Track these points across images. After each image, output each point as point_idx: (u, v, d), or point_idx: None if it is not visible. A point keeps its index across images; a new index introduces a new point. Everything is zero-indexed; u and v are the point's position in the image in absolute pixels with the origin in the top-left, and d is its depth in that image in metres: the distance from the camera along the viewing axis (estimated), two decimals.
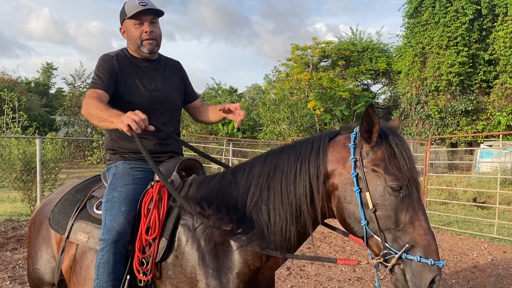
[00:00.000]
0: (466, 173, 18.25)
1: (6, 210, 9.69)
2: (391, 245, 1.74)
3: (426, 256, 1.69)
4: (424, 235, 1.71)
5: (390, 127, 1.89)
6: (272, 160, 2.02)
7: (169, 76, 2.61)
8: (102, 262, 2.12)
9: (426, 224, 1.74)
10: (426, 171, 9.02)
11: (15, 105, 17.88)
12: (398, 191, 1.73)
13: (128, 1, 2.49)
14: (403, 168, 1.75)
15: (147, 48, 2.46)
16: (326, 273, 5.53)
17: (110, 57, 2.45)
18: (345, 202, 1.82)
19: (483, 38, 24.13)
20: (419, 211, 1.75)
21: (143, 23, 2.44)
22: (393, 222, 1.74)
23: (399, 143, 1.80)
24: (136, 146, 2.32)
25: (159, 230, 2.08)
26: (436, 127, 25.11)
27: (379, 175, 1.77)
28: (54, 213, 2.56)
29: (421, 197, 1.80)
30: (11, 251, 6.25)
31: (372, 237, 1.78)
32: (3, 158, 9.15)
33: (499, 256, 6.59)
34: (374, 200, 1.76)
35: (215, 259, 1.99)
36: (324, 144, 1.93)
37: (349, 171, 1.82)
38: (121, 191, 2.26)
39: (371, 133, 1.79)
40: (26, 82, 41.44)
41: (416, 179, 1.78)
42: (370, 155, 1.81)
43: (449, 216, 9.73)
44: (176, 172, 2.32)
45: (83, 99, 2.38)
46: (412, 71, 25.84)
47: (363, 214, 1.77)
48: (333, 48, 32.53)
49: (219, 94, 38.80)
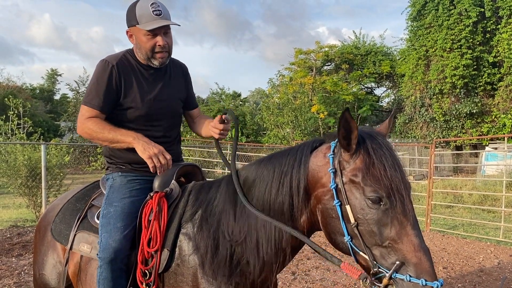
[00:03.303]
0: (471, 176, 18.15)
1: (11, 216, 9.72)
2: (380, 263, 1.59)
3: (417, 276, 1.51)
4: (414, 252, 1.54)
5: (371, 132, 1.75)
6: (261, 169, 1.97)
7: (174, 82, 2.50)
8: (102, 279, 2.11)
9: (416, 239, 1.56)
10: (431, 174, 8.97)
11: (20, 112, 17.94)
12: (377, 203, 1.59)
13: (139, 4, 2.26)
14: (382, 177, 1.60)
15: (158, 61, 2.32)
16: (331, 277, 5.50)
17: (111, 67, 2.27)
18: (328, 216, 1.72)
19: (487, 41, 24.06)
20: (407, 225, 1.57)
21: (157, 35, 2.25)
22: (378, 238, 1.59)
23: (378, 149, 1.66)
24: (133, 157, 2.29)
25: (160, 242, 2.06)
26: (441, 130, 25.03)
27: (357, 186, 1.64)
28: (56, 224, 2.54)
29: (408, 208, 1.61)
30: (16, 257, 6.26)
31: (359, 254, 1.65)
32: (8, 164, 9.19)
33: (505, 260, 6.54)
34: (355, 214, 1.63)
35: None
36: (306, 155, 1.84)
37: (329, 183, 1.71)
38: (117, 206, 2.22)
39: (350, 140, 1.66)
40: (30, 88, 41.69)
41: (400, 189, 1.60)
42: (349, 164, 1.68)
43: (455, 219, 9.67)
44: (174, 179, 2.29)
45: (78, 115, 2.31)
46: (416, 74, 25.78)
47: (346, 229, 1.65)
48: (337, 52, 32.54)
49: (223, 98, 38.88)
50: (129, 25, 2.31)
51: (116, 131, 2.21)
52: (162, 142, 2.34)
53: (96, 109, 2.25)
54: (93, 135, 2.23)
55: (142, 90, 2.34)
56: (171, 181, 2.28)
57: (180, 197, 2.22)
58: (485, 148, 20.42)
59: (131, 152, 2.25)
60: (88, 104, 2.26)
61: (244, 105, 36.58)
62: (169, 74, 2.50)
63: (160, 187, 2.26)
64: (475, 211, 11.01)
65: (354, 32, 44.66)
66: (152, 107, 2.35)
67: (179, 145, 2.65)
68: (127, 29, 2.35)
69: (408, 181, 1.68)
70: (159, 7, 2.25)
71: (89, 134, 2.24)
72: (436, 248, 7.21)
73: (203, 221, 2.06)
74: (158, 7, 2.24)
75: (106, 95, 2.25)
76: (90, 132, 2.23)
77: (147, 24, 2.22)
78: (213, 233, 2.00)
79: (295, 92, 28.99)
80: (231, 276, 1.95)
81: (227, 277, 1.94)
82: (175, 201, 2.21)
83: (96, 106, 2.25)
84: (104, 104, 2.26)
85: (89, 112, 2.26)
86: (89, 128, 2.23)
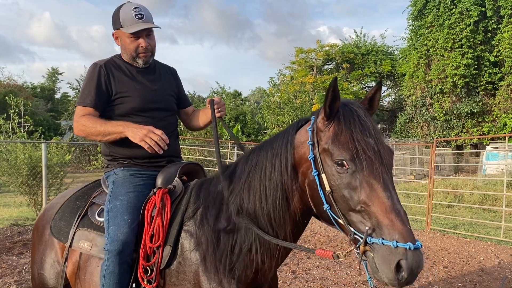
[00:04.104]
0: (472, 175, 18.13)
1: (12, 215, 9.73)
2: (357, 228, 1.58)
3: (390, 238, 1.48)
4: (385, 213, 1.51)
5: (346, 101, 1.78)
6: (253, 157, 2.02)
7: (163, 78, 2.61)
8: (108, 273, 2.11)
9: (388, 200, 1.53)
10: (432, 173, 8.96)
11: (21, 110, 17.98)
12: (343, 167, 1.61)
13: (122, 9, 2.42)
14: (348, 142, 1.62)
15: (142, 60, 2.46)
16: (332, 277, 5.50)
17: (98, 67, 2.41)
18: (312, 188, 1.74)
19: (488, 40, 24.04)
20: (378, 187, 1.56)
21: (139, 37, 2.40)
22: (350, 202, 1.59)
23: (348, 116, 1.68)
24: (134, 152, 2.37)
25: (163, 238, 2.08)
26: (442, 130, 25.02)
27: (328, 153, 1.67)
28: (56, 221, 2.55)
29: (378, 171, 1.58)
30: (17, 255, 6.27)
31: (338, 222, 1.67)
32: (9, 163, 9.21)
33: (506, 259, 6.53)
34: (329, 181, 1.66)
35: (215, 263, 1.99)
36: (292, 134, 1.89)
37: (309, 156, 1.75)
38: (123, 200, 2.24)
39: (333, 108, 1.71)
40: (31, 87, 41.69)
41: (367, 152, 1.60)
42: (324, 134, 1.73)
43: (455, 219, 9.67)
44: (178, 177, 2.32)
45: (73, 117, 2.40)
46: (417, 73, 25.78)
47: (324, 197, 1.68)
48: (337, 51, 32.53)
49: (224, 97, 38.88)
50: (114, 28, 2.48)
51: (107, 123, 2.29)
52: None
53: (89, 106, 2.35)
54: (87, 131, 2.31)
55: (132, 83, 2.44)
56: (174, 178, 2.30)
57: (183, 194, 2.24)
58: (486, 148, 20.41)
59: (131, 146, 2.31)
60: (81, 103, 2.37)
61: (244, 104, 36.57)
62: (158, 72, 2.61)
63: (163, 184, 2.29)
64: (475, 210, 11.00)
65: (355, 31, 44.81)
66: (143, 97, 2.43)
67: (177, 140, 2.66)
68: (113, 32, 2.50)
69: (385, 147, 1.68)
70: (141, 11, 2.39)
71: (83, 130, 2.32)
72: (436, 248, 7.21)
73: (203, 217, 2.07)
74: (140, 11, 2.39)
75: (97, 92, 2.36)
76: (84, 128, 2.31)
77: (130, 28, 2.37)
78: (213, 227, 2.02)
79: (296, 91, 29.01)
80: (233, 269, 1.96)
81: (228, 271, 1.95)
82: (178, 198, 2.24)
83: (89, 103, 2.35)
84: (96, 101, 2.36)
85: (83, 110, 2.35)
86: (82, 124, 2.31)
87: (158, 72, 2.61)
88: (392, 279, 1.48)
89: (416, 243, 1.47)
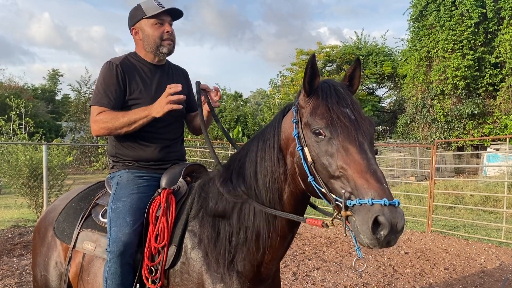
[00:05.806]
0: (473, 177, 18.12)
1: (13, 216, 9.74)
2: (338, 195, 1.59)
3: (366, 196, 1.47)
4: (361, 174, 1.52)
5: (325, 80, 1.83)
6: (245, 147, 2.08)
7: (176, 78, 2.59)
8: (110, 274, 2.12)
9: (363, 162, 1.55)
10: (432, 175, 8.95)
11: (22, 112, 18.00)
12: (320, 135, 1.66)
13: (144, 2, 2.48)
14: (323, 112, 1.67)
15: (166, 48, 2.46)
16: (333, 278, 5.50)
17: (115, 66, 2.39)
18: (300, 166, 1.76)
19: (489, 41, 24.01)
20: (353, 151, 1.58)
21: (164, 23, 2.44)
22: (330, 169, 1.62)
23: (326, 91, 1.74)
24: (139, 154, 2.39)
25: (168, 238, 2.09)
26: (442, 131, 24.99)
27: (307, 126, 1.72)
28: (59, 222, 2.55)
29: (354, 136, 1.62)
30: (17, 257, 6.28)
31: (321, 191, 1.68)
32: (10, 164, 9.21)
33: (507, 261, 6.53)
34: (310, 152, 1.69)
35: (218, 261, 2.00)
36: (279, 118, 1.95)
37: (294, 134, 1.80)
38: (126, 201, 2.25)
39: (312, 85, 1.77)
40: (32, 88, 41.76)
41: (342, 119, 1.64)
42: (305, 110, 1.78)
43: (456, 220, 9.66)
44: (182, 178, 2.33)
45: (87, 106, 2.41)
46: (417, 75, 25.76)
47: (307, 170, 1.70)
48: (338, 53, 32.51)
49: (224, 99, 38.88)
50: (135, 22, 2.49)
51: (128, 113, 2.29)
52: (166, 139, 2.44)
53: (106, 107, 2.33)
54: (108, 126, 2.28)
55: (145, 85, 2.44)
56: (179, 179, 2.32)
57: (187, 194, 2.26)
58: (487, 149, 20.39)
59: (137, 149, 2.35)
60: (97, 103, 2.34)
61: (245, 106, 36.53)
62: (171, 72, 2.61)
63: (168, 184, 2.31)
64: (476, 212, 11.00)
65: (355, 33, 44.68)
66: (155, 99, 2.37)
67: (182, 145, 2.68)
68: (132, 27, 2.51)
69: (364, 117, 1.72)
70: (161, 3, 2.47)
71: (103, 127, 2.29)
72: (437, 249, 7.20)
73: (204, 214, 2.09)
74: (160, 3, 2.48)
75: (114, 93, 2.35)
76: (105, 125, 2.29)
77: (155, 12, 2.42)
78: (213, 222, 2.03)
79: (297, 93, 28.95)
80: (233, 261, 1.97)
81: (228, 263, 1.96)
82: (183, 198, 2.25)
83: (106, 104, 2.33)
84: (113, 102, 2.34)
85: (99, 110, 2.33)
86: (103, 121, 2.29)
87: (171, 72, 2.61)
88: (371, 238, 1.46)
89: (393, 200, 1.47)
